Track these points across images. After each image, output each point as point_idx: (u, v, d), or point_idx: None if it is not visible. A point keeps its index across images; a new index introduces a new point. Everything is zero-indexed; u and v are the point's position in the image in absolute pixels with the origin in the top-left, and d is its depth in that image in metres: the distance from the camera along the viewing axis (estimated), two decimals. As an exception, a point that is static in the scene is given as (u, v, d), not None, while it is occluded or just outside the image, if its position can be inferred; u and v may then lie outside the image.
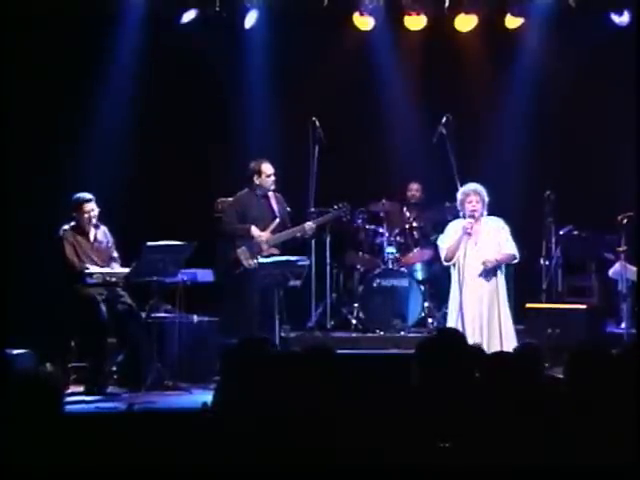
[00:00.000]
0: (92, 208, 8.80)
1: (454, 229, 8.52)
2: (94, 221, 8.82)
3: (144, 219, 10.03)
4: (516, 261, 8.62)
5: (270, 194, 9.46)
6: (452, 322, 8.42)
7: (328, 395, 4.43)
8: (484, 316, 8.30)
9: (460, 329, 8.17)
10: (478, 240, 8.43)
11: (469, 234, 8.39)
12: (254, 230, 9.31)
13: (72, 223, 8.82)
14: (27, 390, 3.91)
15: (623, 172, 10.51)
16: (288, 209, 9.58)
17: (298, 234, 9.52)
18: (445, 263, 8.54)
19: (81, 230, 8.81)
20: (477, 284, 8.37)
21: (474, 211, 8.43)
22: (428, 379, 4.55)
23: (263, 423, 4.10)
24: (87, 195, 8.82)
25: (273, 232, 9.39)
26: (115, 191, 10.11)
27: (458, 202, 8.56)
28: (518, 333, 8.59)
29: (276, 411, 4.17)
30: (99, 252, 8.87)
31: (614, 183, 10.68)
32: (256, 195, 9.45)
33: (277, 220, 9.40)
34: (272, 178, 9.36)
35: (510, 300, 8.64)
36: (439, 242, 8.65)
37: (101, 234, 8.93)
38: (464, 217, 8.51)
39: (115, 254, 8.97)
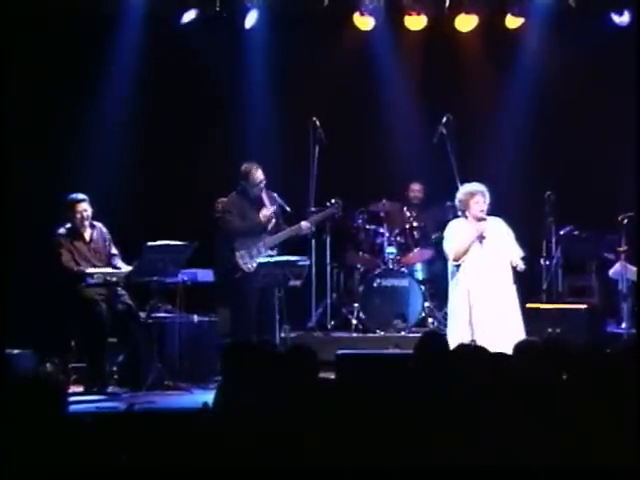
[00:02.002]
0: (85, 208, 8.77)
1: (459, 229, 8.41)
2: (87, 222, 8.80)
3: (144, 219, 10.02)
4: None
5: (263, 194, 9.42)
6: (458, 321, 8.31)
7: (328, 395, 4.43)
8: (496, 315, 8.23)
9: (469, 328, 8.09)
10: (485, 241, 8.37)
11: (483, 237, 8.34)
12: (262, 215, 9.20)
13: (67, 225, 8.80)
14: (28, 390, 3.92)
15: (623, 172, 10.50)
16: (288, 209, 9.55)
17: (294, 233, 9.52)
18: (453, 263, 8.43)
19: (76, 232, 8.79)
20: (488, 284, 8.29)
21: (483, 211, 8.37)
22: (424, 379, 4.56)
23: (263, 423, 4.10)
24: (79, 195, 8.80)
25: (271, 233, 9.38)
26: (115, 191, 10.11)
27: (460, 201, 8.42)
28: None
29: (276, 411, 4.17)
30: (96, 252, 8.86)
31: (614, 183, 10.67)
32: (248, 198, 9.38)
33: (274, 221, 9.39)
34: (260, 186, 9.30)
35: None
36: (445, 243, 8.51)
37: (97, 233, 8.90)
38: (465, 217, 8.44)
39: (114, 250, 8.96)
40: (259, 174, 9.28)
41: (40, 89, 10.11)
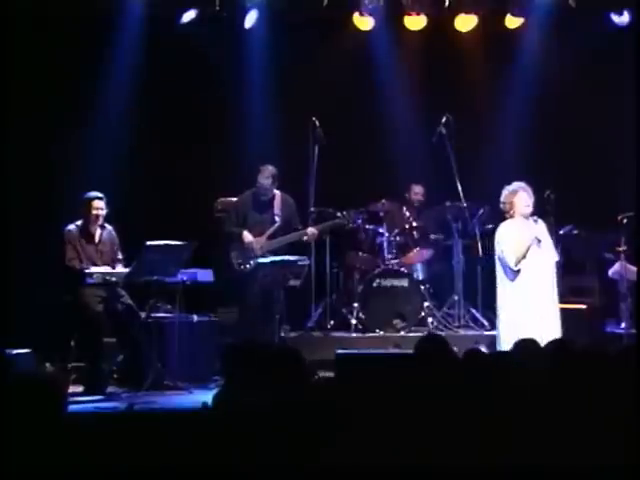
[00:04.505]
0: (101, 207, 8.81)
1: (511, 232, 8.40)
2: (101, 220, 8.83)
3: (144, 219, 10.02)
4: None
5: (277, 196, 9.46)
6: (515, 323, 8.30)
7: (329, 395, 4.43)
8: (547, 315, 8.26)
9: (519, 329, 8.06)
10: (540, 242, 8.41)
11: (539, 239, 8.36)
12: (246, 235, 9.32)
13: (78, 223, 8.82)
14: (28, 390, 3.92)
15: (623, 172, 10.50)
16: (299, 227, 9.58)
17: (304, 238, 9.52)
18: (514, 268, 8.39)
19: (86, 231, 8.81)
20: (542, 285, 8.31)
21: (529, 206, 8.41)
22: (426, 378, 4.56)
23: (263, 423, 4.10)
24: (98, 193, 8.84)
25: (270, 237, 9.39)
26: (115, 191, 10.08)
27: (504, 203, 8.46)
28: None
29: (276, 411, 4.17)
30: (102, 254, 8.87)
31: (614, 183, 10.67)
32: (258, 198, 9.45)
33: (276, 225, 9.40)
34: (263, 192, 9.35)
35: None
36: (500, 247, 8.45)
37: (106, 235, 8.93)
38: (511, 216, 8.44)
39: (119, 256, 8.97)
40: (263, 182, 9.35)
41: (40, 89, 10.11)
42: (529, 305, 8.25)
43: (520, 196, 8.41)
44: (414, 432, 4.14)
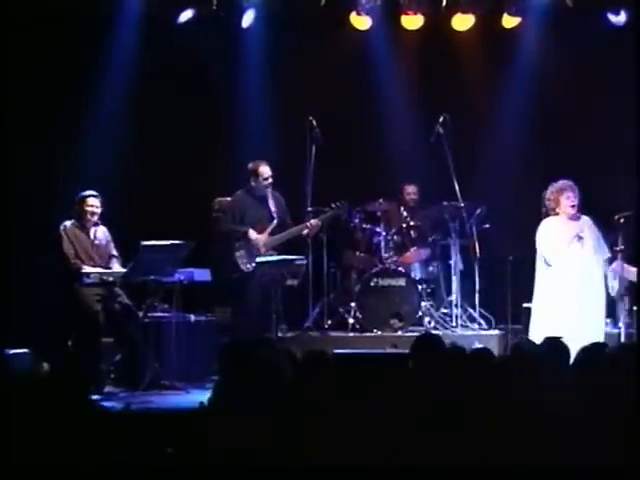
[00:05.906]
0: (96, 205, 8.84)
1: (553, 229, 8.43)
2: (95, 218, 8.86)
3: (143, 219, 10.01)
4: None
5: (268, 194, 9.45)
6: (548, 318, 8.34)
7: (327, 395, 4.43)
8: (588, 313, 8.29)
9: (555, 326, 8.06)
10: (582, 240, 8.44)
11: (581, 237, 8.39)
12: (252, 233, 9.29)
13: (73, 220, 8.84)
14: (25, 388, 3.91)
15: (622, 172, 10.49)
16: (290, 222, 9.56)
17: (305, 231, 9.50)
18: (551, 263, 8.41)
19: (81, 227, 8.84)
20: (583, 283, 8.35)
21: (574, 207, 8.44)
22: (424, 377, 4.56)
23: (260, 423, 4.10)
24: (92, 192, 8.86)
25: (271, 234, 9.38)
26: (114, 191, 10.09)
27: (550, 200, 8.52)
28: (517, 333, 8.57)
29: (275, 411, 4.17)
30: (99, 250, 8.90)
31: (612, 183, 10.65)
32: (253, 196, 9.44)
33: (275, 222, 9.39)
34: (268, 181, 9.35)
35: (509, 300, 8.65)
36: (540, 245, 8.48)
37: (100, 232, 8.96)
38: (555, 214, 8.46)
39: (115, 252, 9.00)
40: (267, 170, 9.34)
41: (38, 89, 10.10)
42: (568, 302, 8.26)
43: (567, 195, 8.48)
44: (412, 432, 4.13)
